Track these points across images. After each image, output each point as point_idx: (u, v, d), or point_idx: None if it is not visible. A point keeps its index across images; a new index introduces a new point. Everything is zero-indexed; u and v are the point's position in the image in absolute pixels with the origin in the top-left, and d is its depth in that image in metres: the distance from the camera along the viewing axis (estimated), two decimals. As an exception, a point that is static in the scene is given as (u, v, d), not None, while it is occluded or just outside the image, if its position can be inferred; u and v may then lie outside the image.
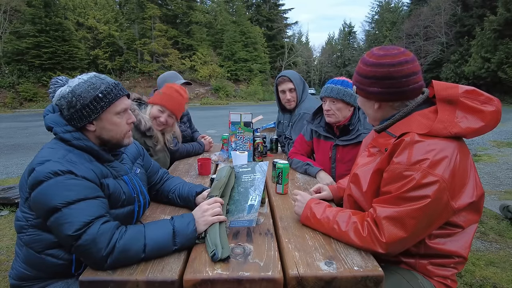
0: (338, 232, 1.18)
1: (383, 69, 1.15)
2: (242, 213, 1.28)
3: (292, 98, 2.61)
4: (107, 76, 1.27)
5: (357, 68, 1.25)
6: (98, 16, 27.36)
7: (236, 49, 33.29)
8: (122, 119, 1.26)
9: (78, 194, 1.07)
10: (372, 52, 1.21)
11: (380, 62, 1.16)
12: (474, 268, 2.43)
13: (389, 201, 1.10)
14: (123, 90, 1.25)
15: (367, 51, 1.24)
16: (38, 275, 1.21)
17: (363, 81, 1.22)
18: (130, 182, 1.34)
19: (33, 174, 1.08)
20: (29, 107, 20.92)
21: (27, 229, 1.18)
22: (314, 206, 1.30)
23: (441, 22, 30.92)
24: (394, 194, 1.08)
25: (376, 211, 1.11)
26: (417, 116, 1.15)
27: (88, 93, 1.17)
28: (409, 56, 1.16)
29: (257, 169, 1.43)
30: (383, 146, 1.20)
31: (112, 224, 1.08)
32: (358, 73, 1.24)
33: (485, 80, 24.19)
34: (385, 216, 1.08)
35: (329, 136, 2.12)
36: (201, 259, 1.07)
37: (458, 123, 1.08)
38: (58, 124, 1.19)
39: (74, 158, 1.14)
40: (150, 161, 1.64)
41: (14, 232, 3.08)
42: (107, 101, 1.19)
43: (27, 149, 7.67)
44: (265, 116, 3.56)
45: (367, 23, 53.95)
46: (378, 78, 1.17)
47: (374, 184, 1.19)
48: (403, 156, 1.08)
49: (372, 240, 1.10)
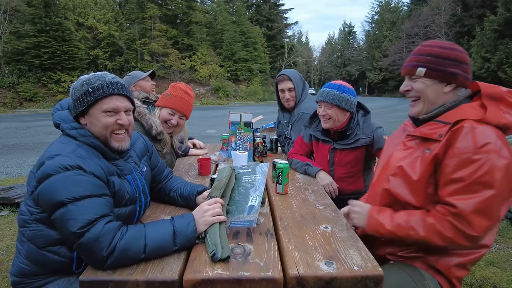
0: (415, 238, 1.16)
1: (463, 54, 1.23)
2: (242, 214, 1.28)
3: (291, 97, 2.60)
4: (114, 76, 1.27)
5: (428, 51, 1.24)
6: (98, 16, 27.34)
7: (236, 49, 33.28)
8: (110, 119, 1.23)
9: (85, 191, 1.07)
10: (434, 41, 1.28)
11: (456, 47, 1.23)
12: (474, 268, 2.43)
13: (466, 189, 1.09)
14: (116, 89, 1.23)
15: (425, 42, 1.28)
16: (39, 271, 1.22)
17: (442, 62, 1.21)
18: (133, 181, 1.34)
19: (42, 167, 1.09)
20: (29, 107, 20.91)
21: (30, 223, 1.18)
22: (379, 216, 1.27)
23: (441, 22, 30.93)
24: (469, 181, 1.08)
25: (456, 205, 1.09)
26: (466, 107, 1.20)
27: (82, 87, 1.21)
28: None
29: (257, 170, 1.43)
30: (435, 134, 1.19)
31: (115, 224, 1.08)
32: (432, 55, 1.23)
33: (485, 80, 24.05)
34: (471, 210, 1.07)
35: (327, 140, 2.12)
36: (201, 259, 1.07)
37: (504, 115, 1.15)
38: (65, 121, 1.23)
39: (83, 153, 1.16)
40: (158, 160, 1.64)
41: (14, 232, 3.10)
42: (94, 96, 1.20)
43: (27, 149, 7.67)
44: (265, 116, 3.55)
45: (367, 23, 54.07)
46: (457, 61, 1.21)
47: (427, 172, 1.18)
48: (467, 140, 1.10)
49: (458, 236, 1.09)
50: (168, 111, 2.04)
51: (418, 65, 1.24)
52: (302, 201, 1.63)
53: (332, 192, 2.00)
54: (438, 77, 1.23)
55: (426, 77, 1.24)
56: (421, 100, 1.27)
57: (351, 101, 1.97)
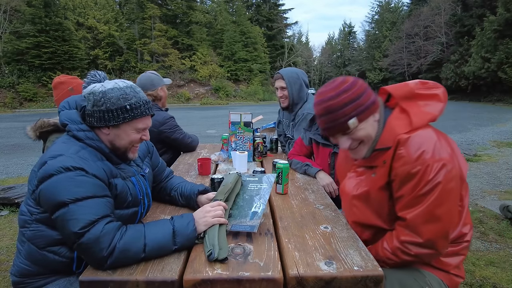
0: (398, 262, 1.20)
1: (352, 87, 1.19)
2: (244, 219, 1.28)
3: (283, 95, 2.58)
4: (141, 91, 1.27)
5: (337, 103, 1.17)
6: (98, 16, 27.34)
7: (236, 49, 33.27)
8: (138, 135, 1.26)
9: (87, 192, 1.07)
10: (321, 96, 1.22)
11: (344, 87, 1.19)
12: (474, 268, 2.43)
13: (410, 203, 1.13)
14: (150, 109, 1.26)
15: (315, 101, 1.24)
16: (40, 272, 1.22)
17: (361, 102, 1.18)
18: (137, 183, 1.34)
19: (44, 167, 1.09)
20: (29, 107, 20.91)
21: (30, 223, 1.18)
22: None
23: (441, 22, 30.93)
24: (412, 195, 1.12)
25: (406, 218, 1.14)
26: (392, 121, 1.21)
27: (118, 100, 1.18)
28: (347, 83, 1.19)
29: (264, 180, 1.45)
30: (380, 161, 1.21)
31: (115, 224, 1.08)
32: (348, 103, 1.17)
33: (485, 80, 24.22)
34: (417, 220, 1.11)
35: (328, 144, 2.11)
36: (201, 259, 1.07)
37: (425, 111, 1.18)
38: (73, 122, 1.21)
39: (86, 155, 1.15)
40: (159, 160, 1.64)
41: (14, 232, 3.10)
42: (131, 115, 1.20)
43: (27, 149, 7.67)
44: (265, 116, 3.56)
45: (367, 23, 54.00)
46: (364, 91, 1.19)
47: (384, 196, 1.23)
48: (403, 158, 1.13)
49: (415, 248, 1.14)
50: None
51: (344, 120, 1.18)
52: (302, 201, 1.63)
53: (332, 192, 2.00)
54: (368, 114, 1.20)
55: (359, 122, 1.20)
56: (365, 143, 1.25)
57: None
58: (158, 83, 2.65)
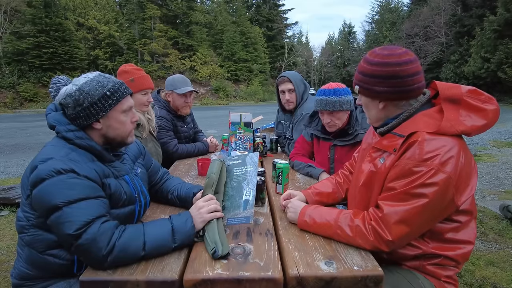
0: (343, 237, 1.17)
1: (389, 68, 1.14)
2: (238, 210, 1.29)
3: (291, 98, 2.61)
4: (111, 75, 1.28)
5: (360, 68, 1.23)
6: (98, 16, 27.37)
7: (236, 49, 33.29)
8: (127, 118, 1.27)
9: (80, 193, 1.07)
10: (375, 51, 1.20)
11: (386, 61, 1.15)
12: (474, 268, 2.43)
13: (396, 197, 1.10)
14: (128, 88, 1.27)
15: (370, 51, 1.23)
16: (40, 275, 1.22)
17: (368, 81, 1.19)
18: (131, 182, 1.34)
19: (35, 171, 1.08)
20: (29, 107, 20.93)
21: (28, 229, 1.18)
22: (311, 212, 1.29)
23: (441, 22, 30.93)
24: (401, 190, 1.09)
25: (383, 210, 1.11)
26: (422, 116, 1.16)
27: (96, 91, 1.17)
28: (412, 56, 1.17)
29: (247, 161, 1.40)
30: (391, 148, 1.19)
31: (112, 223, 1.08)
32: (362, 73, 1.21)
33: (485, 80, 24.19)
34: (394, 217, 1.08)
35: (327, 137, 2.13)
36: (201, 259, 1.07)
37: (463, 121, 1.11)
38: (61, 123, 1.19)
39: (76, 157, 1.14)
40: (151, 161, 1.64)
41: (15, 232, 3.10)
42: (114, 99, 1.20)
43: (27, 149, 7.67)
44: (265, 116, 3.56)
45: (367, 23, 53.98)
46: (384, 78, 1.15)
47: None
48: (414, 153, 1.09)
49: (378, 241, 1.11)
50: (142, 93, 2.20)
51: (355, 82, 1.25)
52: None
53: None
54: (368, 95, 1.22)
55: (361, 94, 1.25)
56: (366, 113, 1.29)
57: (349, 101, 1.99)
58: (169, 87, 2.62)
